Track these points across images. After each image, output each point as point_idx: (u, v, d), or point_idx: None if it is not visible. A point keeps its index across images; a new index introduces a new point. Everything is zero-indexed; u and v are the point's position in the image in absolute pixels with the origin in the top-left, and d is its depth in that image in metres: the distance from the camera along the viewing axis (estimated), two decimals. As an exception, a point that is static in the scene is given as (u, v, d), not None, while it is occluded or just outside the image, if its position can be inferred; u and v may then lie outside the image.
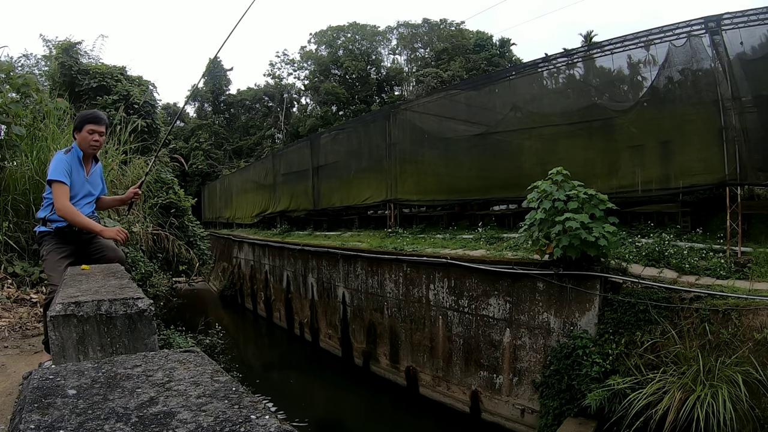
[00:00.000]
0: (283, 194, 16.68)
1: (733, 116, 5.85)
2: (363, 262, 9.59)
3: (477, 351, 7.10)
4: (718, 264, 5.67)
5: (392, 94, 37.02)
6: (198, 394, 0.63)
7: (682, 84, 6.62)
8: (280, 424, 0.54)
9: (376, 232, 11.54)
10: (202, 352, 0.83)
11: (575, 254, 5.46)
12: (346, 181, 13.04)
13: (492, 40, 34.11)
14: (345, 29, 39.76)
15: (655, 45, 6.67)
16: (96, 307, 1.48)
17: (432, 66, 33.61)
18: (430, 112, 10.34)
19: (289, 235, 15.18)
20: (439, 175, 10.02)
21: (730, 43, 5.95)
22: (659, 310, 5.18)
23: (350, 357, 10.17)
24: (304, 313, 12.43)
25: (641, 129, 6.87)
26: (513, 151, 8.62)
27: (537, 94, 8.50)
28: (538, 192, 5.78)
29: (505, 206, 9.37)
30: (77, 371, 0.71)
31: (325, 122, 32.66)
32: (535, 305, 6.34)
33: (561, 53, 8.36)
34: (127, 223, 6.14)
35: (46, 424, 0.53)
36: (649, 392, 4.59)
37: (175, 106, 34.08)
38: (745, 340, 4.53)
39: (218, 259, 19.89)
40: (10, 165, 5.07)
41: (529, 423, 6.29)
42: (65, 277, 2.26)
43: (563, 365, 5.67)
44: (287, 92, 39.07)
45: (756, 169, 5.81)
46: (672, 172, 6.51)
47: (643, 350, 5.10)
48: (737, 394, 4.14)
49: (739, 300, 4.72)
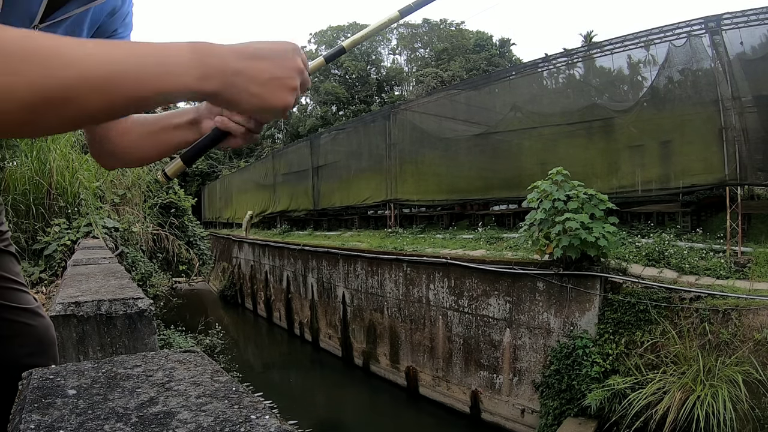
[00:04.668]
0: (283, 194, 16.69)
1: (733, 116, 5.85)
2: (363, 262, 9.59)
3: (477, 351, 7.11)
4: (718, 264, 5.67)
5: (392, 94, 37.05)
6: (198, 394, 0.63)
7: (682, 84, 6.62)
8: (280, 424, 0.54)
9: (376, 232, 11.55)
10: (202, 352, 0.83)
11: (575, 254, 5.46)
12: (346, 181, 13.04)
13: (492, 40, 34.13)
14: (345, 29, 39.80)
15: (655, 45, 6.68)
16: (96, 307, 1.49)
17: (432, 66, 33.63)
18: (430, 112, 10.35)
19: (289, 235, 15.19)
20: (439, 175, 10.02)
21: (730, 43, 5.95)
22: (659, 310, 5.18)
23: (350, 357, 10.17)
24: (304, 313, 12.43)
25: (641, 129, 6.88)
26: (513, 151, 8.63)
27: (537, 94, 8.50)
28: (538, 192, 5.78)
29: (505, 206, 9.37)
30: (77, 371, 0.71)
31: (325, 122, 32.69)
32: (535, 305, 6.34)
33: (561, 53, 8.37)
34: (127, 223, 6.14)
35: (46, 424, 0.53)
36: (649, 392, 4.59)
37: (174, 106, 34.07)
38: (745, 340, 4.53)
39: (218, 259, 19.89)
40: (10, 165, 5.07)
41: (529, 423, 6.29)
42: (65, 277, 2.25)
43: (563, 365, 5.67)
44: (287, 92, 38.98)
45: (756, 169, 5.82)
46: (672, 172, 6.52)
47: (643, 350, 5.10)
48: (737, 394, 4.14)
49: (739, 300, 4.72)
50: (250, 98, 0.57)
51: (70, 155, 5.41)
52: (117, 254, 4.38)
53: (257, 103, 0.58)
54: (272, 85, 0.58)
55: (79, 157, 5.61)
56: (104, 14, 0.82)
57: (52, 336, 1.10)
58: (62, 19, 0.71)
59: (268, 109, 0.59)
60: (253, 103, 0.57)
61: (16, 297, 1.03)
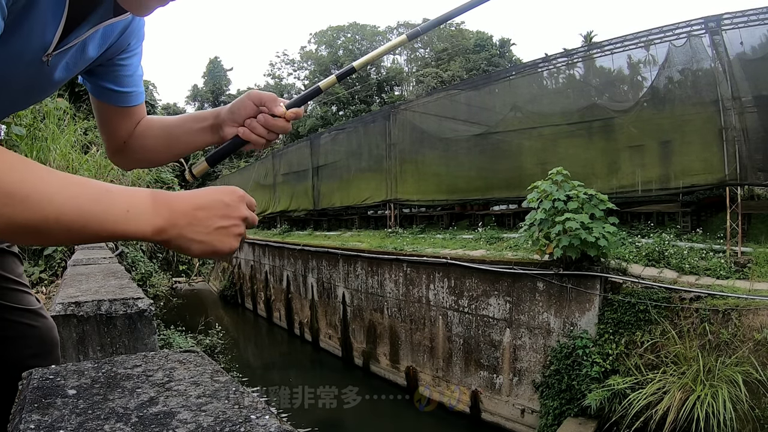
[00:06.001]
0: (283, 194, 16.69)
1: (733, 116, 5.85)
2: (363, 262, 9.60)
3: (477, 351, 7.11)
4: (718, 264, 5.67)
5: (392, 94, 37.06)
6: (198, 394, 0.63)
7: (682, 84, 6.63)
8: (280, 424, 0.54)
9: (376, 232, 11.54)
10: (202, 352, 0.83)
11: (575, 254, 5.46)
12: (346, 181, 13.05)
13: (492, 40, 34.14)
14: (345, 29, 39.84)
15: (655, 45, 6.68)
16: (96, 307, 1.49)
17: (432, 66, 33.63)
18: (430, 112, 10.35)
19: (289, 235, 15.19)
20: (439, 175, 10.03)
21: (730, 43, 5.95)
22: (659, 310, 5.18)
23: (350, 357, 10.17)
24: (304, 313, 12.43)
25: (641, 129, 6.88)
26: (513, 151, 8.63)
27: (537, 94, 8.50)
28: (538, 192, 5.78)
29: (505, 206, 9.37)
30: (77, 371, 0.71)
31: (325, 122, 32.70)
32: (535, 305, 6.34)
33: (561, 53, 8.37)
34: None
35: (46, 424, 0.53)
36: (649, 392, 4.59)
37: (175, 106, 34.13)
38: (745, 340, 4.53)
39: (218, 259, 19.89)
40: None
41: (529, 423, 6.29)
42: (65, 277, 2.25)
43: (563, 365, 5.67)
44: (287, 92, 39.09)
45: (756, 169, 5.82)
46: (672, 172, 6.52)
47: (643, 350, 5.11)
48: (737, 394, 4.14)
49: (739, 300, 4.72)
50: (199, 245, 0.62)
51: (70, 155, 5.41)
52: (117, 254, 4.38)
53: (205, 249, 0.63)
54: (219, 233, 0.63)
55: (79, 157, 5.61)
56: (116, 32, 0.83)
57: (55, 337, 1.10)
58: (73, 44, 0.73)
59: (215, 254, 0.64)
60: (202, 249, 0.63)
61: (19, 298, 1.03)
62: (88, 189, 0.54)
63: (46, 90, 0.83)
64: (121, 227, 0.56)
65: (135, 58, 0.92)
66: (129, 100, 0.93)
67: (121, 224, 0.56)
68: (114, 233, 0.56)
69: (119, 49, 0.87)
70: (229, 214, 0.64)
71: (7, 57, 0.63)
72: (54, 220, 0.50)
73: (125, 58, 0.90)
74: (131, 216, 0.56)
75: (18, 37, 0.63)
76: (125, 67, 0.90)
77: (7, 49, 0.62)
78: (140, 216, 0.57)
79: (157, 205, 0.59)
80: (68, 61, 0.76)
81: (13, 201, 0.47)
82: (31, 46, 0.67)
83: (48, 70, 0.73)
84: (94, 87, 0.91)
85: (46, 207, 0.49)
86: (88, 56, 0.80)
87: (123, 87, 0.91)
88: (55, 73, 0.75)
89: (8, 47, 0.62)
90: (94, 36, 0.77)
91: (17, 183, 0.48)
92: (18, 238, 0.51)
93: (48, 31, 0.67)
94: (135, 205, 0.57)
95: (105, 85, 0.90)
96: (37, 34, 0.66)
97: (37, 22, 0.64)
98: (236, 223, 0.65)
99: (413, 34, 0.89)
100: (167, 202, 0.60)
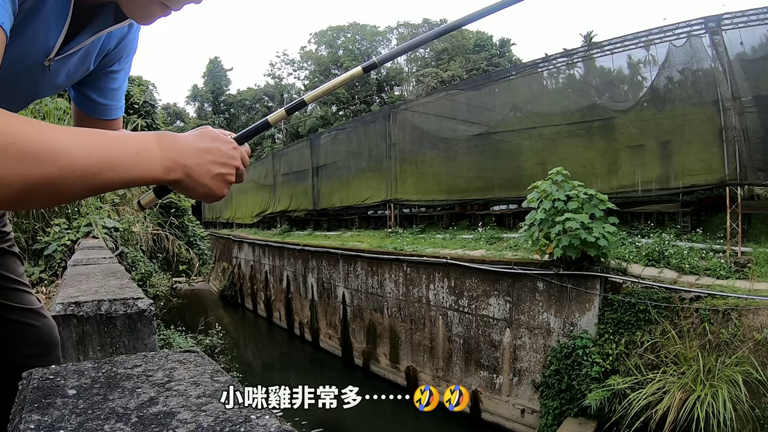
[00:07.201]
0: (283, 194, 16.69)
1: (733, 116, 5.85)
2: (363, 262, 9.59)
3: (477, 351, 7.11)
4: (718, 264, 5.67)
5: (392, 94, 37.04)
6: (198, 394, 0.63)
7: (682, 84, 6.63)
8: (280, 424, 0.54)
9: (376, 232, 11.54)
10: (202, 352, 0.83)
11: (575, 254, 5.46)
12: (346, 181, 13.05)
13: (492, 40, 34.13)
14: (345, 29, 39.80)
15: (655, 45, 6.68)
16: (96, 307, 1.49)
17: (432, 66, 33.63)
18: (430, 112, 10.35)
19: (289, 235, 15.19)
20: (439, 175, 10.03)
21: (730, 43, 5.95)
22: (659, 310, 5.18)
23: (350, 357, 10.17)
24: (304, 313, 12.43)
25: (641, 129, 6.88)
26: (513, 151, 8.63)
27: (537, 94, 8.50)
28: (538, 192, 5.78)
29: (505, 206, 9.37)
30: (77, 371, 0.71)
31: (325, 122, 32.67)
32: (535, 305, 6.34)
33: (561, 53, 8.37)
34: (127, 223, 6.14)
35: (46, 424, 0.53)
36: (649, 392, 4.59)
37: (175, 106, 34.13)
38: (745, 340, 4.53)
39: (218, 259, 19.89)
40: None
41: (529, 423, 6.29)
42: (65, 277, 2.25)
43: (563, 365, 5.67)
44: (287, 92, 39.09)
45: (756, 169, 5.82)
46: (672, 172, 6.52)
47: (643, 350, 5.10)
48: (737, 394, 4.14)
49: (739, 300, 4.72)
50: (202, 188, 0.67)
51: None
52: (117, 254, 4.38)
53: (207, 192, 0.68)
54: (217, 179, 0.68)
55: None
56: (113, 41, 0.87)
57: (56, 337, 1.10)
58: (75, 50, 0.76)
59: (213, 197, 0.70)
60: (204, 192, 0.68)
61: (20, 298, 1.03)
62: (97, 138, 0.56)
63: (46, 93, 0.86)
64: (133, 171, 0.58)
65: (123, 73, 0.95)
66: (108, 113, 0.95)
67: (133, 168, 0.58)
68: (127, 178, 0.58)
69: (112, 60, 0.90)
70: (227, 162, 0.69)
71: (10, 58, 0.64)
72: (69, 171, 0.52)
73: (115, 71, 0.93)
74: (142, 158, 0.59)
75: (22, 40, 0.65)
76: (114, 79, 0.93)
77: (11, 51, 0.63)
78: (150, 157, 0.60)
79: (165, 145, 0.63)
80: (70, 68, 0.80)
81: (27, 158, 0.48)
82: (34, 49, 0.70)
83: (49, 75, 0.76)
84: (77, 95, 0.93)
85: (61, 158, 0.51)
86: (89, 65, 0.84)
87: (106, 99, 0.94)
88: (56, 78, 0.78)
89: (12, 49, 0.62)
90: (95, 44, 0.80)
91: (29, 140, 0.49)
92: (34, 198, 0.51)
93: (51, 36, 0.70)
94: (144, 148, 0.60)
95: (89, 95, 0.92)
96: (40, 38, 0.69)
97: (41, 25, 0.67)
98: (231, 172, 0.70)
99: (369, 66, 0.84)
100: (174, 141, 0.64)
